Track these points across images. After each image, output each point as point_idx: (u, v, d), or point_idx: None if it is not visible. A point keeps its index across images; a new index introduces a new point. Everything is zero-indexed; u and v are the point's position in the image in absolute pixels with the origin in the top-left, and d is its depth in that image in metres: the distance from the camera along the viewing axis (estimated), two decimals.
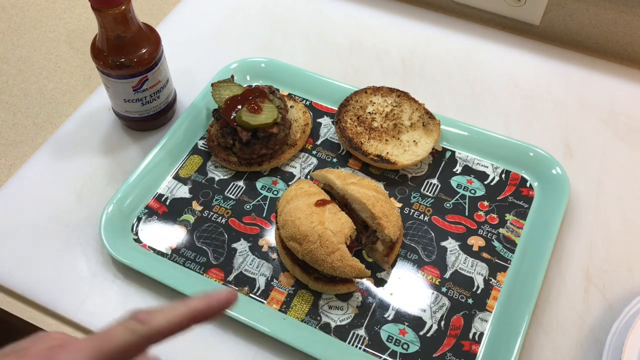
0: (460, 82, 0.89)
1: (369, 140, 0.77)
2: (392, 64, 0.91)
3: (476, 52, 0.93)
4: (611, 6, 0.86)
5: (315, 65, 0.90)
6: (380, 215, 0.66)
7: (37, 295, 0.68)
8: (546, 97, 0.87)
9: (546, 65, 0.90)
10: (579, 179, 0.77)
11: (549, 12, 0.91)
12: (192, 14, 0.99)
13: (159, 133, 0.82)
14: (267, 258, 0.70)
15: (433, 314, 0.66)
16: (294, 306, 0.66)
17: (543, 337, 0.65)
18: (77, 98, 0.89)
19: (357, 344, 0.64)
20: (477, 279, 0.68)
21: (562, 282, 0.69)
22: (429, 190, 0.76)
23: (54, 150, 0.81)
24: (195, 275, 0.69)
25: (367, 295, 0.67)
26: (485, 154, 0.78)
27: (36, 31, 0.98)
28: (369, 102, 0.81)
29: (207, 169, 0.78)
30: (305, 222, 0.64)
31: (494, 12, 0.95)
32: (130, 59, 0.73)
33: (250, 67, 0.87)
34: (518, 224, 0.72)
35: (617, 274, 0.70)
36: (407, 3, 1.00)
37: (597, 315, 0.67)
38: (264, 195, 0.76)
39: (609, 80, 0.88)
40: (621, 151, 0.80)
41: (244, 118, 0.74)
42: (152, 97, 0.78)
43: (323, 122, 0.83)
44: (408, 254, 0.70)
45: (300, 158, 0.79)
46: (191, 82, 0.88)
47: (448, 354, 0.63)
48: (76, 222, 0.74)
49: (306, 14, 0.99)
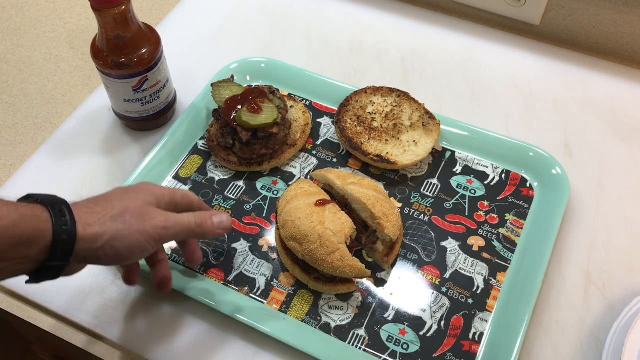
0: (460, 82, 0.89)
1: (369, 140, 0.77)
2: (392, 64, 0.91)
3: (476, 52, 0.93)
4: (611, 6, 0.86)
5: (315, 65, 0.90)
6: (380, 215, 0.66)
7: (37, 295, 0.68)
8: (546, 97, 0.87)
9: (546, 65, 0.90)
10: (579, 179, 0.77)
11: (549, 12, 0.91)
12: (192, 14, 0.99)
13: (159, 133, 0.82)
14: (267, 258, 0.70)
15: (433, 314, 0.66)
16: (294, 306, 0.66)
17: (543, 337, 0.65)
18: (77, 98, 0.89)
19: (357, 344, 0.64)
20: (477, 279, 0.68)
21: (562, 282, 0.69)
22: (429, 190, 0.76)
23: (54, 150, 0.81)
24: (195, 275, 0.68)
25: (367, 295, 0.67)
26: (485, 154, 0.78)
27: (36, 31, 0.98)
28: (369, 102, 0.81)
29: (207, 169, 0.78)
30: (305, 222, 0.64)
31: (494, 12, 0.95)
32: (130, 59, 0.73)
33: (250, 67, 0.87)
34: (518, 224, 0.72)
35: (617, 274, 0.70)
36: (407, 3, 1.00)
37: (597, 315, 0.67)
38: (264, 195, 0.76)
39: (609, 80, 0.88)
40: (621, 151, 0.80)
41: (244, 118, 0.74)
42: (152, 97, 0.78)
43: (323, 122, 0.83)
44: (408, 254, 0.70)
45: (300, 158, 0.79)
46: (191, 82, 0.88)
47: (448, 354, 0.63)
48: None
49: (306, 14, 0.99)
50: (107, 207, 0.53)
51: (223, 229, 0.61)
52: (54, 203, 0.50)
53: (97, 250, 0.51)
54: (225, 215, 0.62)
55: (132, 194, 0.57)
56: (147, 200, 0.56)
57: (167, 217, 0.57)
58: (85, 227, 0.51)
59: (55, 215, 0.49)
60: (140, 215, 0.54)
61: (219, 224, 0.61)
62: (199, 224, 0.59)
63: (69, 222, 0.49)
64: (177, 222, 0.57)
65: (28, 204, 0.50)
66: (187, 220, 0.58)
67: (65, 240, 0.49)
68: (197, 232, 0.59)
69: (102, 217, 0.52)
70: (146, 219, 0.55)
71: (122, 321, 0.66)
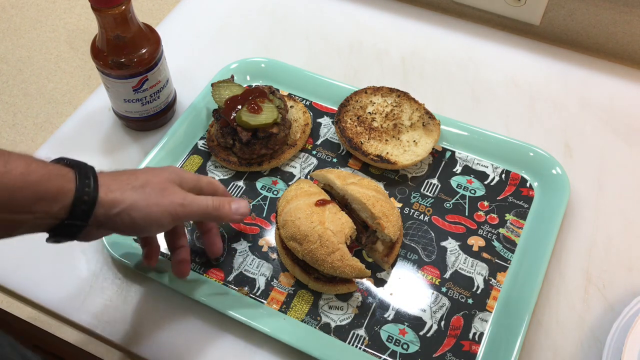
0: (460, 82, 0.89)
1: (369, 140, 0.77)
2: (392, 64, 0.91)
3: (476, 52, 0.92)
4: (611, 6, 0.86)
5: (315, 65, 0.90)
6: (380, 215, 0.66)
7: (37, 295, 0.68)
8: (546, 97, 0.87)
9: (546, 66, 0.90)
10: (579, 179, 0.77)
11: (549, 12, 0.91)
12: (192, 14, 0.99)
13: (159, 133, 0.82)
14: (267, 258, 0.70)
15: (433, 314, 0.66)
16: (294, 306, 0.66)
17: (543, 337, 0.65)
18: (77, 98, 0.89)
19: (357, 344, 0.64)
20: (477, 279, 0.68)
21: (562, 282, 0.69)
22: (429, 190, 0.76)
23: (54, 150, 0.81)
24: (195, 275, 0.68)
25: (367, 295, 0.67)
26: (485, 154, 0.78)
27: (36, 31, 0.98)
28: (369, 102, 0.81)
29: (207, 169, 0.78)
30: (305, 222, 0.64)
31: (494, 12, 0.95)
32: (130, 59, 0.73)
33: (250, 67, 0.87)
34: (518, 224, 0.72)
35: (617, 274, 0.70)
36: (407, 3, 1.00)
37: (597, 315, 0.67)
38: (264, 195, 0.76)
39: (609, 80, 0.88)
40: (621, 151, 0.80)
41: (244, 118, 0.74)
42: (152, 97, 0.78)
43: (323, 122, 0.83)
44: (408, 254, 0.70)
45: (300, 158, 0.79)
46: (191, 82, 0.88)
47: (448, 354, 0.63)
48: None
49: (306, 14, 0.99)
50: (130, 178, 0.56)
51: (240, 215, 0.63)
52: (81, 167, 0.53)
53: (115, 217, 0.54)
54: (243, 202, 0.64)
55: (158, 170, 0.60)
56: (170, 178, 0.59)
57: (185, 196, 0.59)
58: (107, 192, 0.53)
59: (80, 177, 0.52)
60: (161, 190, 0.57)
61: (236, 210, 0.63)
62: (216, 207, 0.61)
63: (92, 185, 0.52)
64: (194, 201, 0.59)
65: (57, 164, 0.53)
66: (205, 202, 0.60)
67: (85, 201, 0.51)
68: (214, 215, 0.61)
69: (124, 185, 0.55)
70: (165, 194, 0.57)
71: (122, 321, 0.66)
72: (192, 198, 0.59)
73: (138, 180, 0.56)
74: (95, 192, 0.52)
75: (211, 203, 0.61)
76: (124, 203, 0.54)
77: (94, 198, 0.52)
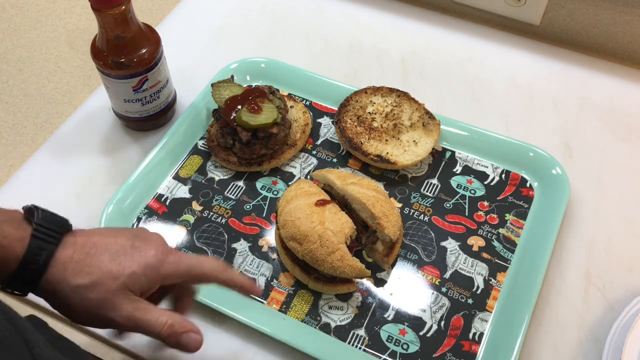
0: (460, 82, 0.89)
1: (369, 140, 0.77)
2: (392, 64, 0.91)
3: (476, 52, 0.93)
4: (611, 6, 0.86)
5: (315, 65, 0.90)
6: (380, 215, 0.66)
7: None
8: (546, 97, 0.87)
9: (546, 66, 0.90)
10: (579, 179, 0.77)
11: (549, 12, 0.91)
12: (192, 14, 0.99)
13: (159, 133, 0.82)
14: (267, 258, 0.70)
15: (433, 314, 0.66)
16: (294, 306, 0.66)
17: (543, 337, 0.65)
18: (77, 98, 0.89)
19: (357, 344, 0.64)
20: (477, 279, 0.68)
21: (562, 282, 0.69)
22: (429, 190, 0.76)
23: (54, 150, 0.81)
24: None
25: (367, 295, 0.67)
26: (485, 154, 0.78)
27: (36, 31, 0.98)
28: (369, 102, 0.81)
29: (207, 169, 0.78)
30: (305, 222, 0.64)
31: (494, 12, 0.95)
32: (130, 59, 0.73)
33: (250, 67, 0.87)
34: (518, 224, 0.72)
35: (617, 274, 0.70)
36: (407, 3, 1.00)
37: (597, 315, 0.67)
38: (264, 195, 0.76)
39: (609, 80, 0.88)
40: (621, 151, 0.80)
41: (244, 118, 0.74)
42: (152, 97, 0.78)
43: (323, 122, 0.83)
44: (408, 254, 0.70)
45: (300, 158, 0.79)
46: (191, 82, 0.88)
47: (448, 354, 0.63)
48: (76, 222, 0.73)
49: (306, 14, 0.99)
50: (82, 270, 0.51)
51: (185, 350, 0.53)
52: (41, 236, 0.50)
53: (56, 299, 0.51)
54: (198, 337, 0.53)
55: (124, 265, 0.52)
56: (125, 283, 0.51)
57: (131, 314, 0.51)
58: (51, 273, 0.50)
59: (31, 253, 0.49)
60: (104, 300, 0.51)
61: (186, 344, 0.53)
62: (164, 336, 0.52)
63: (41, 262, 0.49)
64: (141, 320, 0.51)
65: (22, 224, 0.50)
66: (154, 322, 0.52)
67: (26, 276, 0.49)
68: (159, 339, 0.53)
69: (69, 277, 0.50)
70: (106, 306, 0.51)
71: None
72: (137, 318, 0.51)
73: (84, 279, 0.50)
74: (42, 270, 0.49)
75: (162, 328, 0.51)
76: (62, 294, 0.50)
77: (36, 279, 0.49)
